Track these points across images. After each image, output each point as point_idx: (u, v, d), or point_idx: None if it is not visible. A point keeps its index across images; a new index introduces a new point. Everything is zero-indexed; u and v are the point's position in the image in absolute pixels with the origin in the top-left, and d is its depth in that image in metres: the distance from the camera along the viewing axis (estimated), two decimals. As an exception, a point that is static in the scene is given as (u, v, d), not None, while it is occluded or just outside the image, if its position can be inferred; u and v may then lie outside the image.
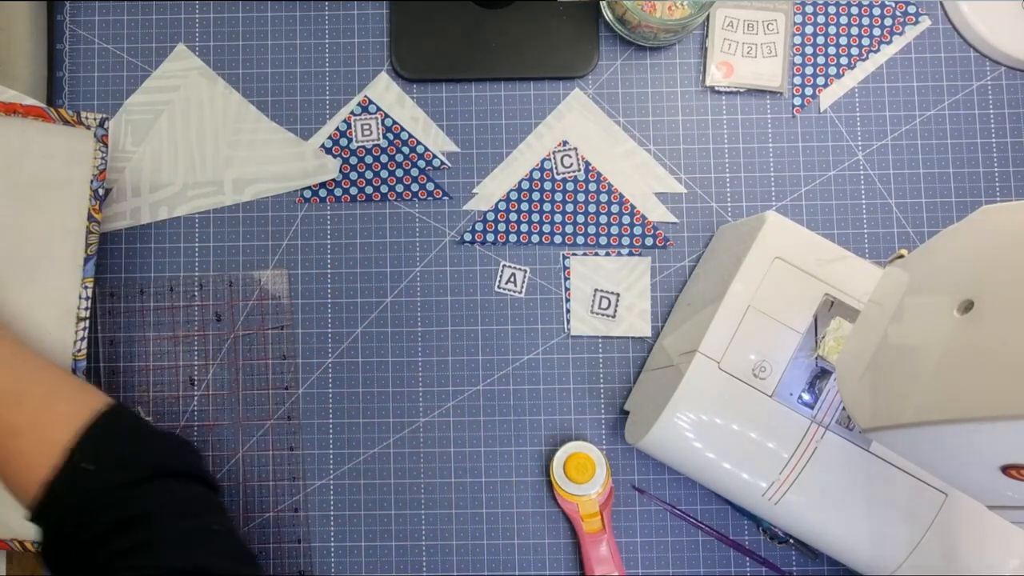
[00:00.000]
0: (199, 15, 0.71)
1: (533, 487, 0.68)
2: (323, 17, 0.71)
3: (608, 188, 0.69)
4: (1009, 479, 0.39)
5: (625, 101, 0.71)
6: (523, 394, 0.68)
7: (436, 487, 0.68)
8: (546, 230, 0.69)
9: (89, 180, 0.63)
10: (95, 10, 0.71)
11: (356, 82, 0.71)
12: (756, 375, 0.57)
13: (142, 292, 0.69)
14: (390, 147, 0.70)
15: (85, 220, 0.63)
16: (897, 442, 0.45)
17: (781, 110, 0.70)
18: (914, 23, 0.71)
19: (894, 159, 0.70)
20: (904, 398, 0.41)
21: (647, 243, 0.69)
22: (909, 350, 0.42)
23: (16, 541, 0.65)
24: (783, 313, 0.57)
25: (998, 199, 0.69)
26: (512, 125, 0.70)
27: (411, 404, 0.68)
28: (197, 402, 0.68)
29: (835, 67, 0.70)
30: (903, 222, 0.69)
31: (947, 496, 0.55)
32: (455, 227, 0.70)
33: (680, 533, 0.67)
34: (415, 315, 0.69)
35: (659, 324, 0.69)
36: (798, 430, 0.56)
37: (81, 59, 0.71)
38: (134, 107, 0.70)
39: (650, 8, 0.65)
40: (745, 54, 0.70)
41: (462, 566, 0.67)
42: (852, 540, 0.56)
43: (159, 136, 0.70)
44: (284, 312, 0.69)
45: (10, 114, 0.63)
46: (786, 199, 0.70)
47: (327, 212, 0.70)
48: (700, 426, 0.57)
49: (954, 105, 0.70)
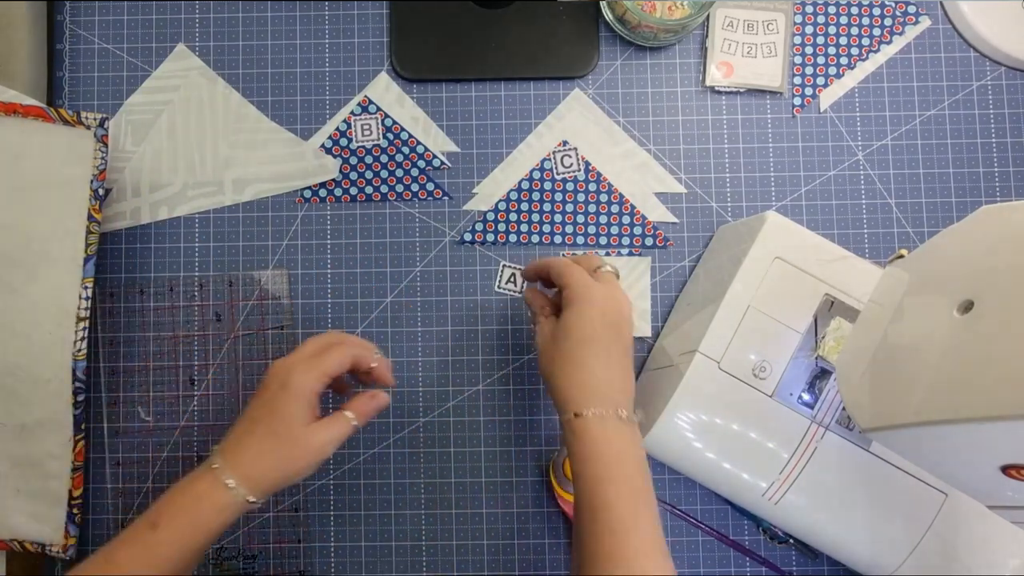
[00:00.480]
0: (199, 15, 0.71)
1: (533, 487, 0.68)
2: (323, 17, 0.71)
3: (608, 188, 0.69)
4: (1009, 479, 0.39)
5: (625, 101, 0.71)
6: (523, 394, 0.68)
7: (436, 487, 0.68)
8: (546, 230, 0.69)
9: (89, 180, 0.63)
10: (95, 10, 0.71)
11: (356, 82, 0.71)
12: (756, 375, 0.57)
13: (142, 292, 0.69)
14: (390, 147, 0.70)
15: (85, 220, 0.63)
16: (897, 442, 0.45)
17: (781, 110, 0.70)
18: (914, 23, 0.71)
19: (894, 159, 0.70)
20: (904, 398, 0.41)
21: (647, 243, 0.69)
22: (909, 350, 0.42)
23: (16, 541, 0.65)
24: (783, 313, 0.57)
25: (998, 199, 0.69)
26: (512, 125, 0.70)
27: (411, 404, 0.68)
28: (197, 402, 0.68)
29: (835, 67, 0.70)
30: (903, 222, 0.69)
31: (947, 496, 0.55)
32: (455, 227, 0.70)
33: (680, 533, 0.67)
34: (415, 315, 0.69)
35: (659, 324, 0.69)
36: (798, 430, 0.56)
37: (81, 59, 0.71)
38: (134, 107, 0.70)
39: (650, 8, 0.65)
40: (745, 54, 0.70)
41: (462, 566, 0.67)
42: (852, 540, 0.56)
43: (159, 136, 0.70)
44: (284, 312, 0.69)
45: (10, 114, 0.63)
46: (786, 199, 0.70)
47: (327, 212, 0.70)
48: (700, 426, 0.57)
49: (954, 105, 0.70)
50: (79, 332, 0.62)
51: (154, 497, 0.67)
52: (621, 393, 0.52)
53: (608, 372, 0.52)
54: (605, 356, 0.52)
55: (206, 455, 0.68)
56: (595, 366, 0.52)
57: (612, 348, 0.53)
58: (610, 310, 0.53)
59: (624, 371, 0.53)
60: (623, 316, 0.54)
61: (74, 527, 0.65)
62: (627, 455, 0.51)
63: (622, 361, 0.53)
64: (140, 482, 0.68)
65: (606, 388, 0.52)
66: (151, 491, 0.68)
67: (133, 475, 0.68)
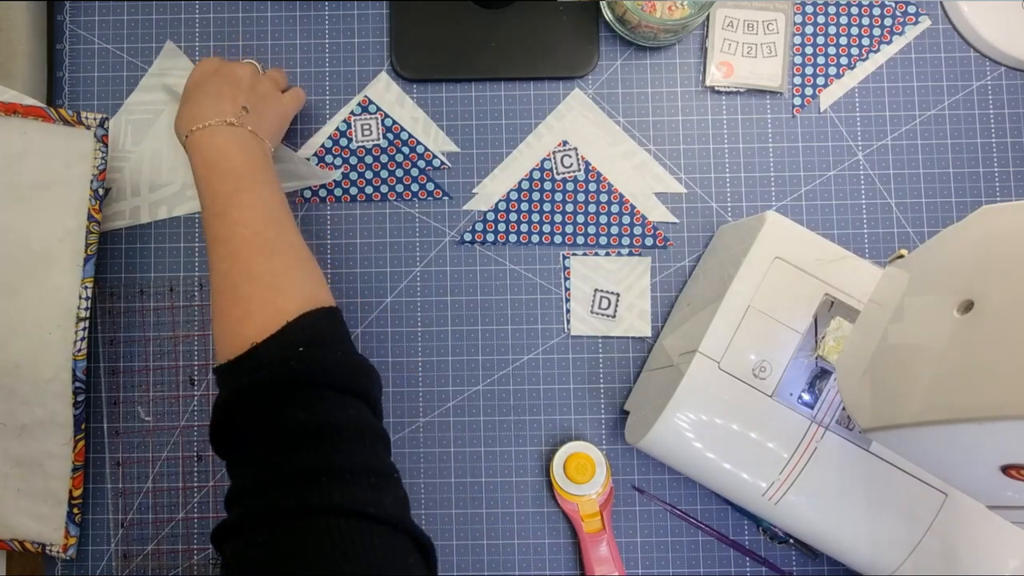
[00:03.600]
0: (199, 15, 0.71)
1: (533, 487, 0.68)
2: (323, 17, 0.71)
3: (608, 188, 0.69)
4: (1009, 479, 0.39)
5: (625, 101, 0.71)
6: (523, 394, 0.68)
7: (436, 487, 0.68)
8: (546, 230, 0.69)
9: (89, 180, 0.63)
10: (95, 10, 0.71)
11: (356, 82, 0.71)
12: (756, 375, 0.57)
13: (142, 292, 0.69)
14: (390, 147, 0.70)
15: (85, 220, 0.63)
16: (897, 442, 0.45)
17: (781, 110, 0.70)
18: (914, 23, 0.71)
19: (894, 159, 0.70)
20: (904, 398, 0.41)
21: (647, 243, 0.69)
22: (909, 350, 0.42)
23: (16, 541, 0.65)
24: (783, 313, 0.57)
25: (998, 199, 0.69)
26: (512, 125, 0.70)
27: (411, 404, 0.68)
28: (197, 402, 0.68)
29: (835, 67, 0.70)
30: (903, 222, 0.69)
31: (947, 496, 0.55)
32: (455, 227, 0.70)
33: (680, 533, 0.67)
34: (415, 315, 0.69)
35: (659, 324, 0.69)
36: (798, 430, 0.56)
37: (81, 59, 0.71)
38: (134, 107, 0.70)
39: (650, 8, 0.65)
40: (745, 54, 0.70)
41: (462, 566, 0.67)
42: (852, 540, 0.56)
43: (159, 136, 0.70)
44: (284, 312, 0.69)
45: (10, 114, 0.63)
46: (786, 199, 0.70)
47: (327, 212, 0.70)
48: (700, 426, 0.57)
49: (954, 105, 0.70)
50: (79, 332, 0.62)
51: (154, 497, 0.67)
52: (231, 113, 0.58)
53: (219, 102, 0.58)
54: (215, 93, 0.59)
55: (207, 455, 0.68)
56: (203, 100, 0.58)
57: (223, 88, 0.59)
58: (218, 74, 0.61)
59: (232, 101, 0.59)
60: (235, 76, 0.61)
61: (74, 527, 0.65)
62: (231, 150, 0.56)
63: (235, 96, 0.59)
64: (140, 482, 0.68)
65: (212, 112, 0.57)
66: (151, 491, 0.68)
67: (133, 475, 0.68)
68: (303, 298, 0.51)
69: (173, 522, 0.68)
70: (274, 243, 0.53)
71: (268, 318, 0.49)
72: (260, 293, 0.51)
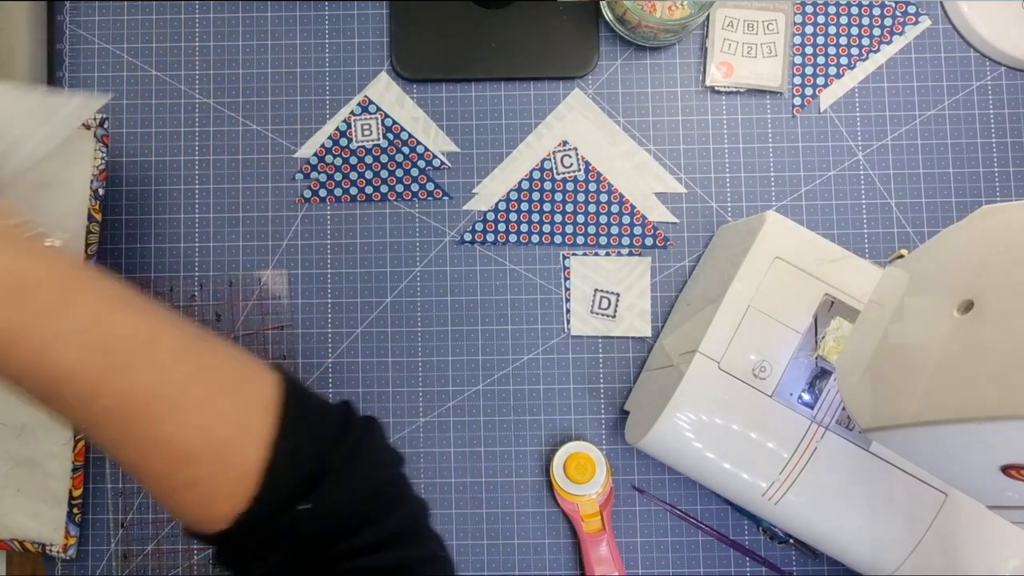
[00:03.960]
0: (199, 15, 0.71)
1: (533, 487, 0.68)
2: (323, 17, 0.71)
3: (608, 188, 0.69)
4: (1009, 479, 0.39)
5: (625, 101, 0.71)
6: (523, 394, 0.68)
7: (436, 487, 0.68)
8: (546, 230, 0.69)
9: (89, 180, 0.63)
10: (95, 10, 0.71)
11: (356, 82, 0.71)
12: (756, 375, 0.57)
13: (142, 292, 0.69)
14: (390, 147, 0.70)
15: (85, 220, 0.63)
16: (897, 442, 0.45)
17: (781, 110, 0.70)
18: (914, 23, 0.70)
19: (894, 159, 0.70)
20: (904, 398, 0.41)
21: (647, 243, 0.69)
22: (909, 350, 0.42)
23: (16, 541, 0.65)
24: (783, 313, 0.57)
25: (998, 199, 0.69)
26: (512, 125, 0.70)
27: (411, 404, 0.68)
28: (197, 402, 0.68)
29: (835, 67, 0.70)
30: (903, 222, 0.69)
31: (947, 496, 0.55)
32: (455, 227, 0.70)
33: (680, 533, 0.67)
34: (415, 315, 0.69)
35: (659, 324, 0.69)
36: (798, 430, 0.56)
37: (81, 59, 0.71)
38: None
39: (650, 8, 0.65)
40: (745, 54, 0.70)
41: (462, 566, 0.67)
42: (852, 540, 0.56)
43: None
44: (284, 312, 0.69)
45: (10, 114, 0.62)
46: (786, 199, 0.70)
47: (327, 212, 0.70)
48: (700, 426, 0.57)
49: (954, 105, 0.70)
50: (79, 332, 0.62)
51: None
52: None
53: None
54: None
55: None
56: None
57: None
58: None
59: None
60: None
61: (74, 527, 0.65)
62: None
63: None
64: (140, 482, 0.68)
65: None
66: (151, 491, 0.68)
67: (133, 475, 0.68)
68: (255, 426, 0.38)
69: (173, 522, 0.68)
70: (160, 391, 0.38)
71: (229, 482, 0.38)
72: (197, 454, 0.38)
